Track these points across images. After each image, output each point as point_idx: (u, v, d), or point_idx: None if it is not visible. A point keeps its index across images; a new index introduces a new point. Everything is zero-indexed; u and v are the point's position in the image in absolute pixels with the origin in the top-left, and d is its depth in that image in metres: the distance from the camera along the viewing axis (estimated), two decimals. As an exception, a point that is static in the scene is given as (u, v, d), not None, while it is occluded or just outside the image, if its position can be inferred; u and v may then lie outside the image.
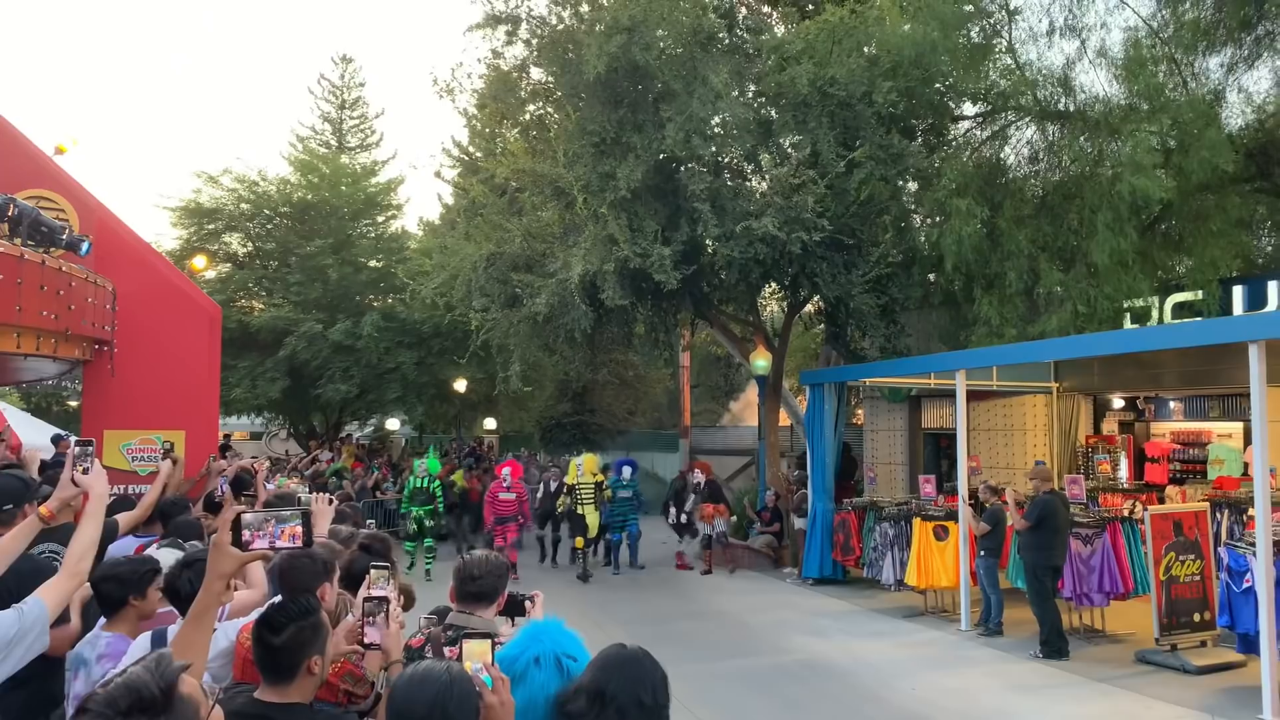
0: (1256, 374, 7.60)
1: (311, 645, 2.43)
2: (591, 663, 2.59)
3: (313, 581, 3.06)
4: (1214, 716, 7.43)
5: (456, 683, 2.09)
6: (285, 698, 2.37)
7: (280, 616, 2.42)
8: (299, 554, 3.07)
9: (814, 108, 12.63)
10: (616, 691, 2.47)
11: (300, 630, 2.41)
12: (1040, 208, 13.82)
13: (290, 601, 2.50)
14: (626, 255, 12.09)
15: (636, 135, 12.56)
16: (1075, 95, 14.61)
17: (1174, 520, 9.22)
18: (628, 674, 2.54)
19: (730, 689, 8.43)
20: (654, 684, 2.58)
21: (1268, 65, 15.49)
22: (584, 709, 2.47)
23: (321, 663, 2.46)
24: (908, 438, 17.67)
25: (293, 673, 2.38)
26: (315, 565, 3.08)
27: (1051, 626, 9.40)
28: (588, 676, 2.54)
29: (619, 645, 2.66)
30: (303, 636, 2.41)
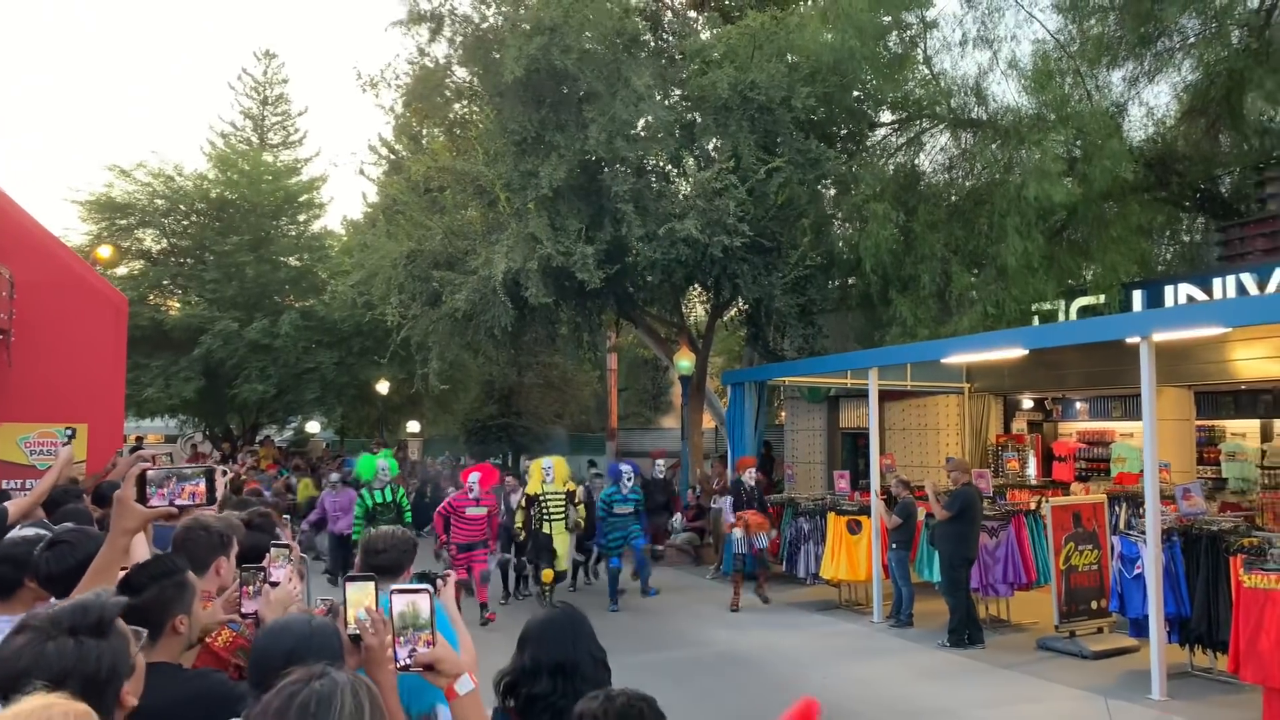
0: (1146, 370, 7.94)
1: (175, 604, 2.41)
2: (530, 638, 2.59)
3: (209, 554, 3.03)
4: (1107, 698, 7.73)
5: (317, 633, 2.10)
6: (150, 657, 2.36)
7: (141, 576, 2.39)
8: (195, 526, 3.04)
9: (735, 111, 12.83)
10: (578, 658, 2.49)
11: (162, 589, 2.39)
12: (953, 212, 14.24)
13: (151, 561, 2.49)
14: (549, 253, 12.12)
15: (559, 135, 12.61)
16: (987, 104, 15.10)
17: (1073, 512, 9.58)
18: (578, 635, 2.57)
19: (644, 680, 8.44)
20: (592, 634, 2.62)
21: (1167, 80, 16.19)
22: (550, 688, 2.47)
23: (188, 622, 2.44)
24: (826, 437, 18.00)
25: (157, 631, 2.37)
26: (211, 538, 3.06)
27: (963, 616, 9.66)
28: (538, 653, 2.53)
29: (545, 612, 2.68)
30: (165, 595, 2.39)
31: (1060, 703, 7.74)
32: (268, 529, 4.00)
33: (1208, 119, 15.36)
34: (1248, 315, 7.79)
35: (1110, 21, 15.40)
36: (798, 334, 14.29)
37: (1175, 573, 8.01)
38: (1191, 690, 7.84)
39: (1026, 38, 17.09)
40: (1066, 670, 8.64)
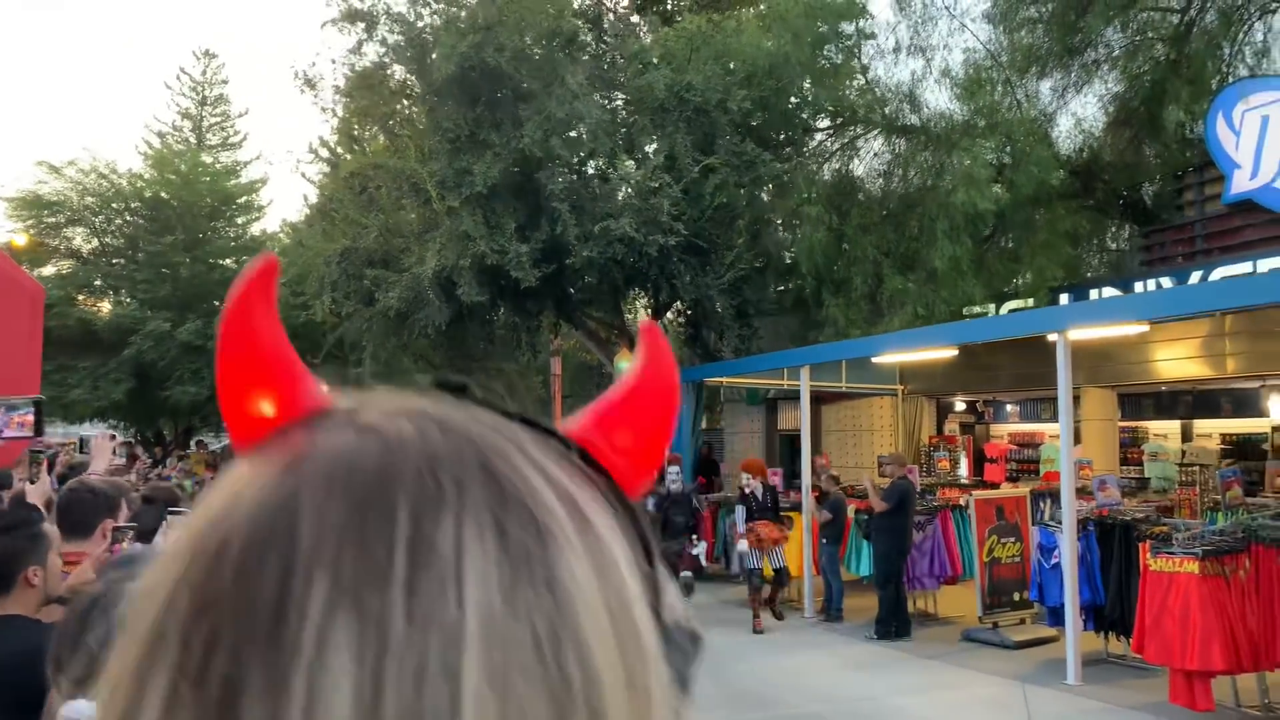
0: (1062, 364, 8.15)
1: (28, 555, 2.36)
2: None
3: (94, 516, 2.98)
4: (1025, 684, 7.90)
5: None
6: (3, 609, 2.31)
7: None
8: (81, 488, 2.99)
9: (671, 113, 12.93)
10: None
11: (14, 540, 2.35)
12: (885, 216, 14.50)
13: (1, 513, 2.44)
14: (483, 251, 12.08)
15: (494, 133, 12.60)
16: (920, 111, 15.41)
17: (996, 505, 9.78)
18: None
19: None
20: None
21: (1093, 91, 16.68)
22: None
23: (42, 574, 2.40)
24: (765, 439, 18.16)
25: (8, 583, 2.32)
26: (97, 500, 3.01)
27: (891, 608, 9.78)
28: None
29: None
30: (17, 546, 2.35)
31: (980, 689, 7.89)
32: (169, 501, 3.93)
33: (1131, 129, 15.84)
34: (1161, 308, 8.03)
35: (1039, 33, 15.82)
36: (734, 335, 14.41)
37: (1090, 562, 8.22)
38: (1105, 675, 8.06)
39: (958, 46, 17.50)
40: (989, 660, 8.81)
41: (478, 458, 0.35)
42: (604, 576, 0.35)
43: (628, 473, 0.42)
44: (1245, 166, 12.46)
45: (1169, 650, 6.53)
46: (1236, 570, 6.58)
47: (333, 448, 0.35)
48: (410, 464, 0.34)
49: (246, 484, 0.34)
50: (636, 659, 0.34)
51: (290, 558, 0.31)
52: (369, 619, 0.30)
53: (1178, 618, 6.47)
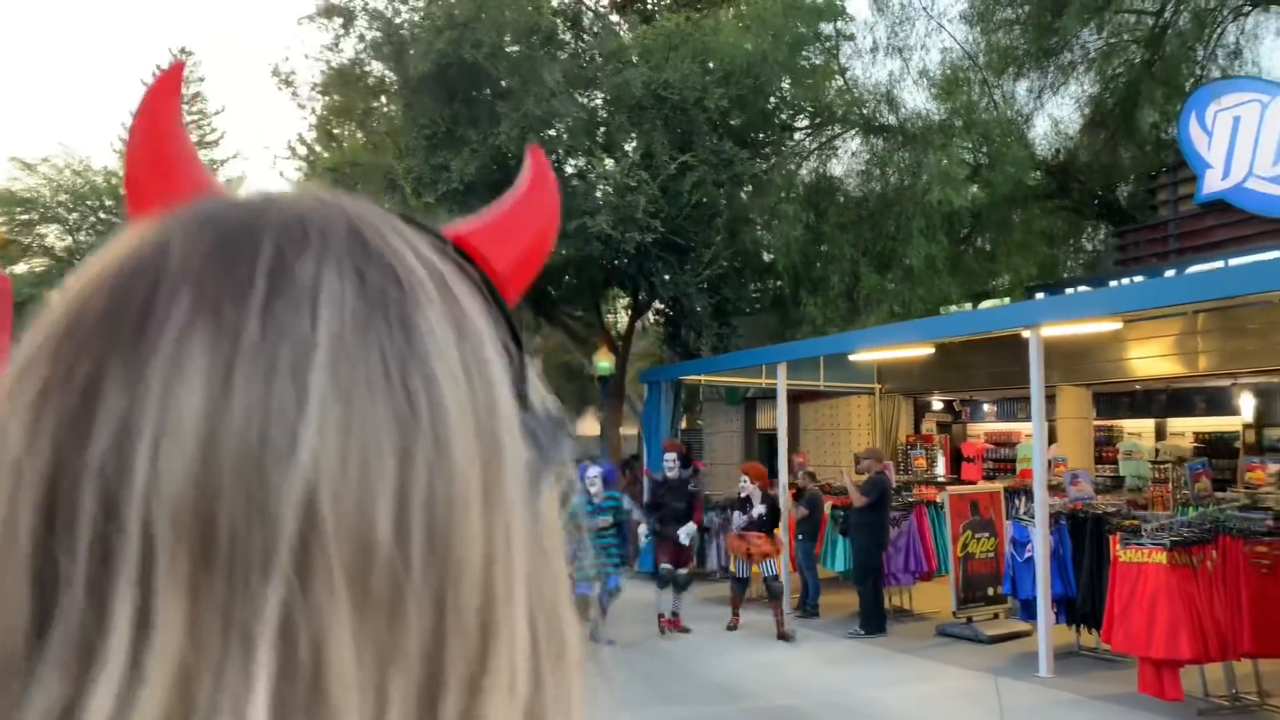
0: (1035, 360, 8.20)
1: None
2: None
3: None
4: (997, 676, 7.94)
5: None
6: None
7: None
8: None
9: (649, 111, 12.95)
10: None
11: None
12: (863, 215, 14.57)
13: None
14: (460, 248, 12.02)
15: (472, 130, 12.58)
16: (898, 111, 15.50)
17: (971, 500, 9.84)
18: None
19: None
20: None
21: (1069, 93, 16.82)
22: None
23: None
24: (743, 438, 18.19)
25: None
26: None
27: (874, 603, 9.80)
28: None
29: None
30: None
31: (953, 682, 7.93)
32: None
33: (1107, 130, 15.99)
34: (1131, 302, 8.09)
35: (1016, 34, 15.95)
36: (712, 334, 14.43)
37: (1063, 555, 8.27)
38: (1077, 668, 8.11)
39: (935, 46, 17.65)
40: (962, 654, 8.85)
41: (347, 222, 0.36)
42: (462, 334, 0.35)
43: (502, 279, 0.42)
44: (1217, 166, 12.59)
45: (1136, 639, 6.58)
46: (1204, 561, 6.63)
47: (208, 204, 0.37)
48: (279, 215, 0.35)
49: (123, 238, 0.36)
50: (488, 411, 0.35)
51: (158, 277, 0.32)
52: (225, 327, 0.31)
53: (1145, 607, 6.52)
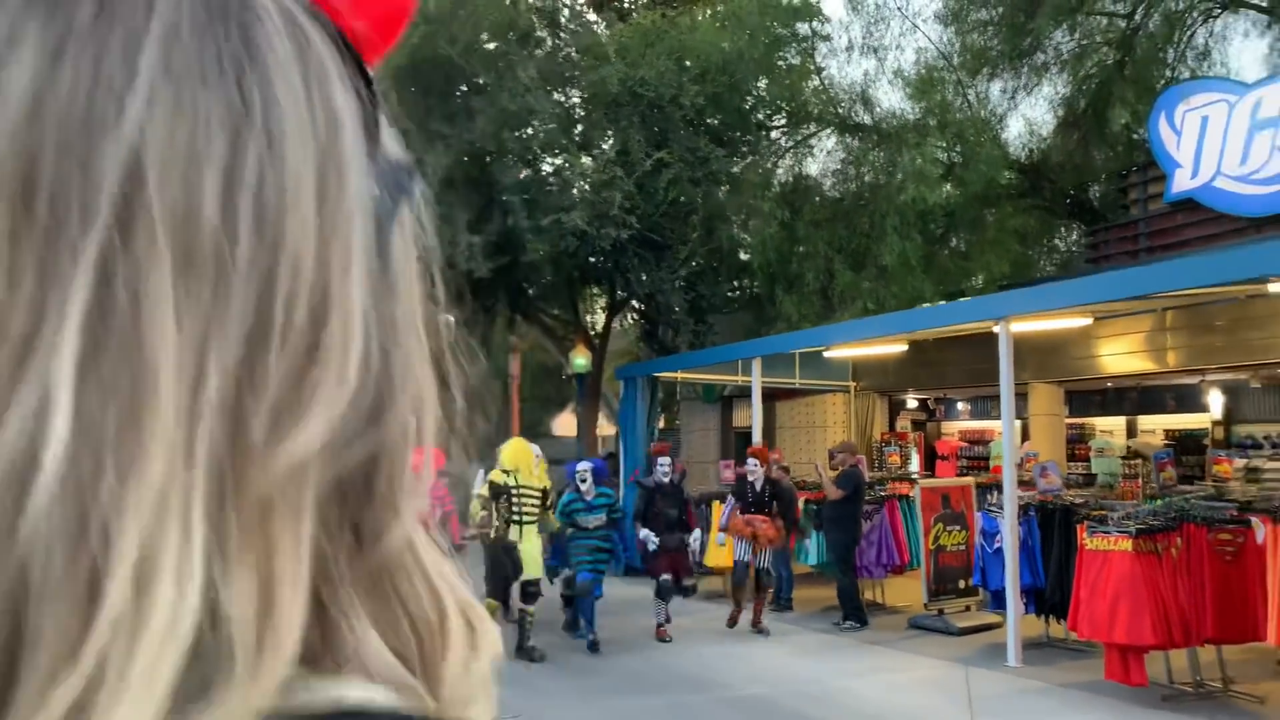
0: (1004, 354, 8.28)
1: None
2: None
3: None
4: (967, 666, 8.00)
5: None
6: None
7: None
8: None
9: (625, 107, 12.98)
10: None
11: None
12: (838, 212, 14.66)
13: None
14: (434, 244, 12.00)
15: (446, 125, 12.56)
16: (873, 110, 15.61)
17: (942, 494, 9.90)
18: None
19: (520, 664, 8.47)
20: None
21: (1043, 93, 17.01)
22: None
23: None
24: (720, 436, 18.22)
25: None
26: None
27: (854, 596, 9.83)
28: None
29: None
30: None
31: (923, 672, 7.98)
32: None
33: (1079, 131, 16.16)
34: (1099, 293, 8.16)
35: (989, 34, 16.12)
36: (689, 330, 14.47)
37: (1032, 546, 8.34)
38: (1045, 657, 8.18)
39: (910, 46, 17.89)
40: (933, 645, 8.90)
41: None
42: (304, 58, 0.35)
43: (357, 33, 0.41)
44: (1186, 166, 12.75)
45: (1101, 625, 6.65)
46: (1169, 548, 6.71)
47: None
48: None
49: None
50: (328, 127, 0.35)
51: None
52: (59, 12, 0.32)
53: (1111, 594, 6.58)
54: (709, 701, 7.21)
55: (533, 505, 8.56)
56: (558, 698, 7.34)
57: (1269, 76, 12.46)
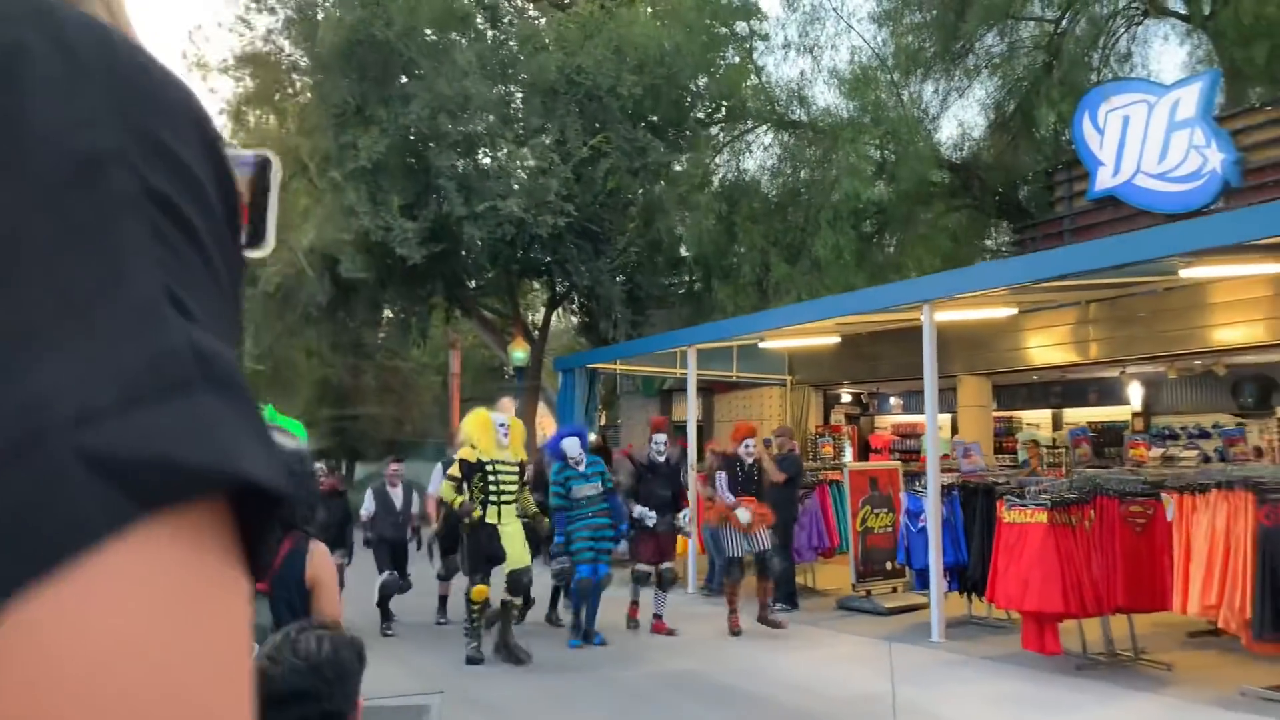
0: (928, 336, 8.46)
1: None
2: None
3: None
4: (892, 642, 8.14)
5: None
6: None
7: None
8: None
9: (563, 95, 13.00)
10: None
11: None
12: (774, 207, 14.84)
13: None
14: (367, 227, 11.91)
15: (382, 109, 12.46)
16: (809, 107, 15.84)
17: (870, 476, 10.07)
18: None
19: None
20: (299, 454, 2.59)
21: (975, 95, 17.41)
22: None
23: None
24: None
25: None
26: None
27: (790, 579, 9.92)
28: None
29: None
30: None
31: (849, 648, 8.11)
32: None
33: (1009, 132, 16.57)
34: (1021, 274, 8.34)
35: (923, 36, 16.46)
36: (626, 321, 14.52)
37: (955, 525, 8.52)
38: (968, 634, 8.38)
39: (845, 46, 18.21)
40: (861, 624, 9.05)
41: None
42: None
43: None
44: (1108, 164, 13.14)
45: (1017, 595, 6.82)
46: (1082, 520, 6.91)
47: None
48: None
49: None
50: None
51: None
52: None
53: (1026, 564, 6.76)
54: (637, 677, 7.25)
55: (510, 482, 7.59)
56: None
57: (1186, 78, 12.90)
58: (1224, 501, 6.19)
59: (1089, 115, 13.36)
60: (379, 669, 7.48)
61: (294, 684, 1.77)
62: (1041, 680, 6.80)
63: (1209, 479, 6.54)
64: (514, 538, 7.51)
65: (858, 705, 6.40)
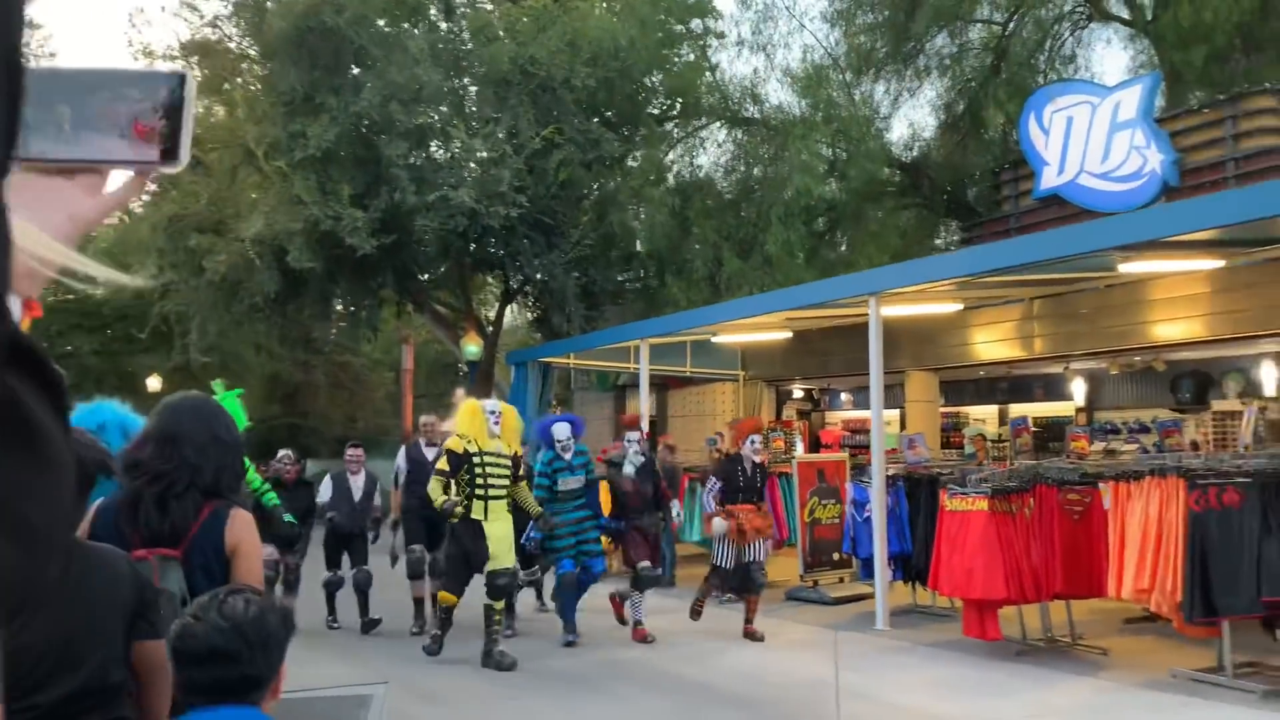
0: (874, 326, 8.57)
1: None
2: (154, 411, 2.58)
3: None
4: (838, 630, 8.23)
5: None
6: None
7: None
8: None
9: (515, 86, 12.95)
10: (190, 430, 2.45)
11: None
12: (727, 202, 14.94)
13: None
14: (317, 217, 11.77)
15: (332, 97, 12.32)
16: (762, 105, 15.96)
17: (818, 468, 10.18)
18: (200, 414, 2.53)
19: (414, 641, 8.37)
20: (227, 422, 2.58)
21: (925, 96, 17.66)
22: (154, 454, 2.42)
23: None
24: (614, 425, 18.28)
25: None
26: None
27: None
28: (153, 424, 2.51)
29: (181, 394, 2.68)
30: None
31: (796, 636, 8.19)
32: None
33: (958, 132, 16.83)
34: (967, 266, 8.49)
35: (875, 36, 16.66)
36: (580, 315, 14.51)
37: (900, 515, 8.63)
38: (911, 622, 8.50)
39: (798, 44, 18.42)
40: (808, 613, 9.14)
41: None
42: None
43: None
44: (1053, 164, 13.40)
45: (959, 582, 6.94)
46: (1022, 508, 7.04)
47: None
48: None
49: None
50: None
51: None
52: None
53: (968, 552, 6.88)
54: (584, 665, 7.25)
55: (500, 476, 7.08)
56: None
57: (1127, 81, 13.19)
58: (1157, 488, 6.34)
59: (1035, 116, 13.61)
60: (323, 659, 7.36)
61: (215, 643, 1.76)
62: (982, 665, 6.92)
63: (1143, 466, 6.70)
64: (500, 538, 7.03)
65: (802, 691, 6.47)
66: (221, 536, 2.40)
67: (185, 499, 2.38)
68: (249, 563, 2.44)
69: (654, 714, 6.02)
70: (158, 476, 2.35)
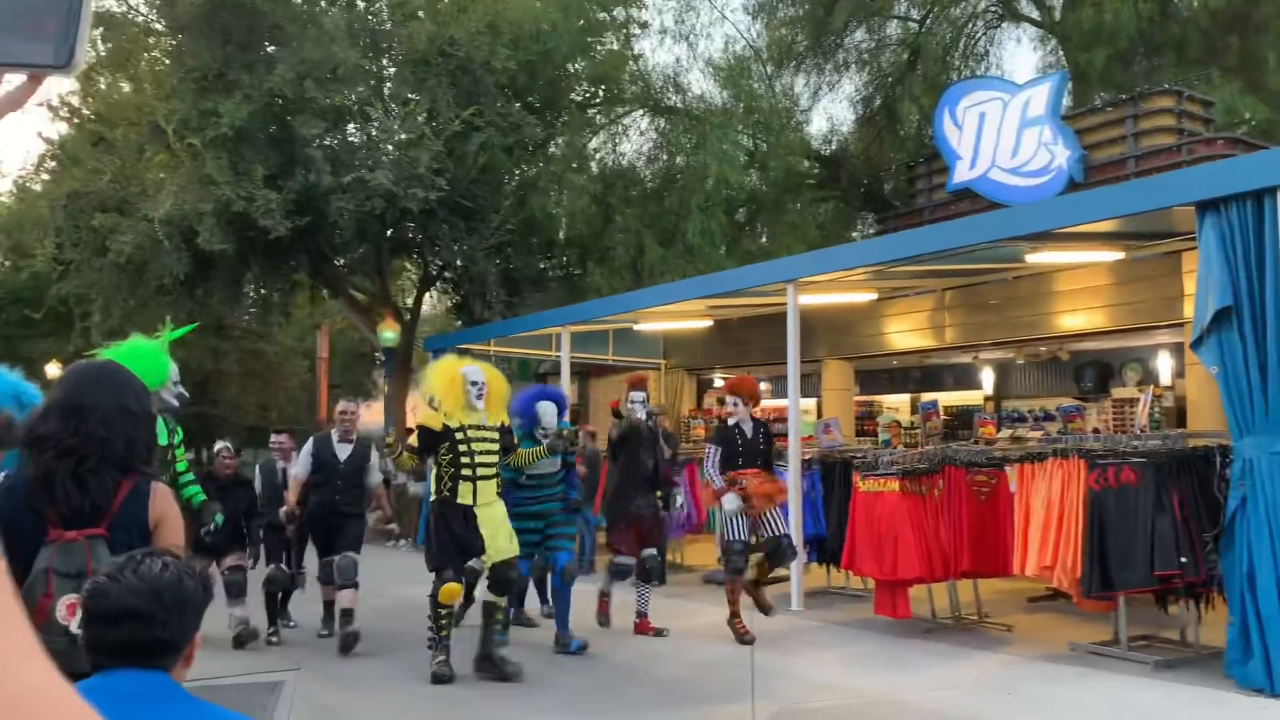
0: (791, 314, 8.70)
1: None
2: (57, 381, 2.48)
3: None
4: (752, 611, 8.28)
5: None
6: None
7: None
8: None
9: (434, 66, 12.76)
10: (96, 401, 2.35)
11: None
12: (649, 191, 14.98)
13: None
14: (228, 197, 11.43)
15: (246, 74, 11.97)
16: (684, 94, 16.03)
17: (736, 454, 10.25)
18: (105, 383, 2.44)
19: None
20: (135, 391, 2.49)
21: (844, 90, 17.97)
22: (59, 427, 2.32)
23: None
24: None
25: None
26: None
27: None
28: (57, 395, 2.41)
29: (86, 361, 2.60)
30: None
31: (710, 617, 8.25)
32: None
33: (875, 126, 17.16)
34: (880, 254, 8.67)
35: (795, 30, 16.87)
36: (500, 301, 14.39)
37: (815, 498, 8.80)
38: (826, 602, 8.69)
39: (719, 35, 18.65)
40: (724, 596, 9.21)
41: None
42: None
43: None
44: (966, 158, 13.76)
45: (871, 562, 7.09)
46: (932, 489, 7.24)
47: None
48: None
49: None
50: None
51: None
52: None
53: (880, 532, 7.04)
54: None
55: (489, 453, 6.03)
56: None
57: (1037, 79, 13.61)
58: (1059, 469, 6.58)
59: (949, 111, 13.95)
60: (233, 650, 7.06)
61: (128, 602, 1.70)
62: (892, 643, 7.09)
63: (1047, 448, 6.94)
64: (496, 522, 6.04)
65: (718, 669, 6.54)
66: (145, 511, 2.34)
67: (102, 474, 2.31)
68: (173, 537, 2.38)
69: (564, 694, 6.02)
70: (67, 451, 2.26)
